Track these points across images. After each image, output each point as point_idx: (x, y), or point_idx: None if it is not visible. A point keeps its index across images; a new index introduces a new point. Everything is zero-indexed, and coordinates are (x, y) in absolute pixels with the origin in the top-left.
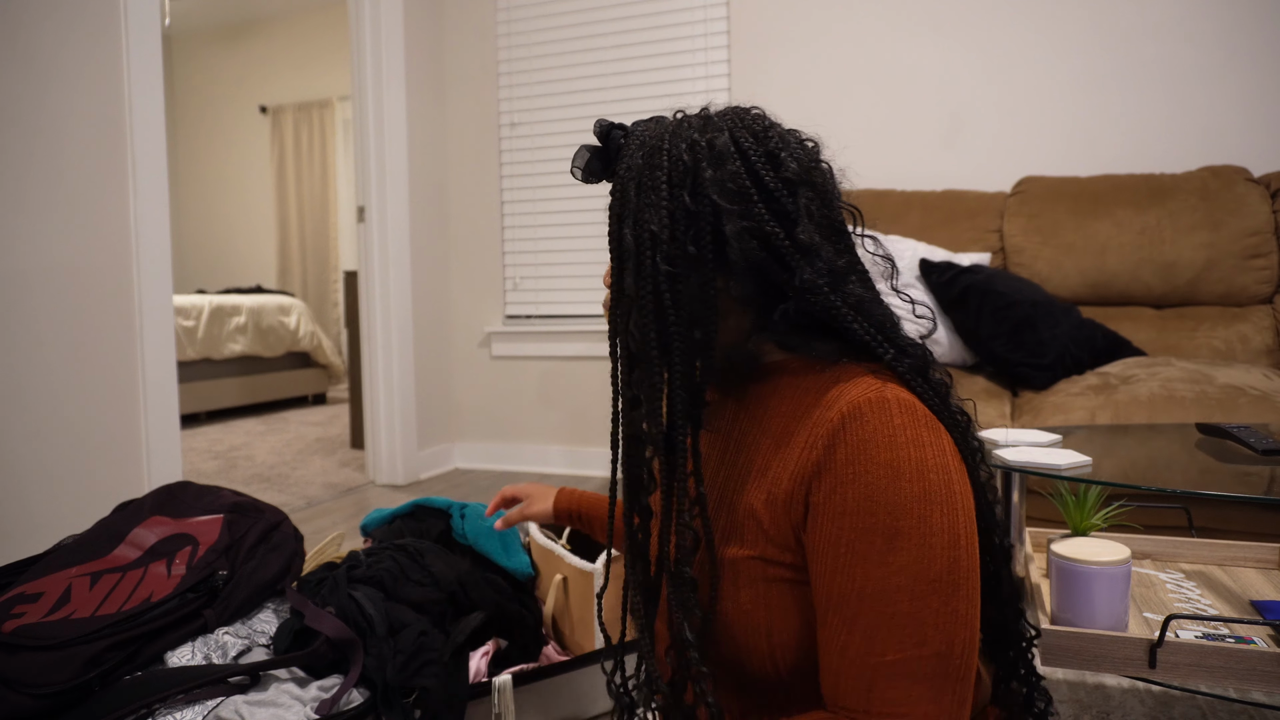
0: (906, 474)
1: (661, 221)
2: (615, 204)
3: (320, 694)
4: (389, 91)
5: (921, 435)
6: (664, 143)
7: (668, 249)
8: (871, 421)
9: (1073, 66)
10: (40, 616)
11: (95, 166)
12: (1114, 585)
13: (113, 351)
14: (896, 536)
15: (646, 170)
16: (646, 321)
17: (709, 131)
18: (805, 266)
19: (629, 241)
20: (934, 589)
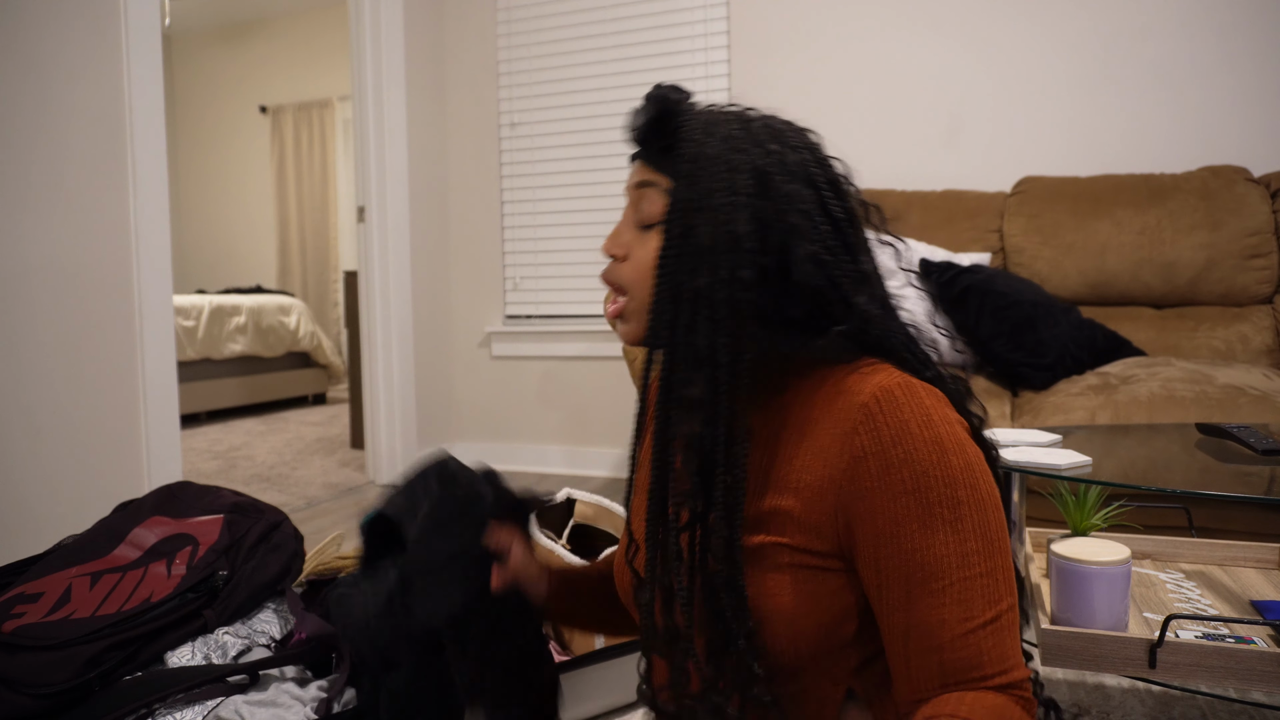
0: (951, 448)
1: (745, 226)
2: (682, 189)
3: (320, 694)
4: (389, 91)
5: (950, 414)
6: (742, 144)
7: (750, 258)
8: (904, 403)
9: (1073, 66)
10: (40, 616)
11: (95, 166)
12: (1114, 585)
13: (113, 351)
14: (959, 505)
15: (724, 166)
16: (719, 324)
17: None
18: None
19: (705, 236)
20: (996, 548)
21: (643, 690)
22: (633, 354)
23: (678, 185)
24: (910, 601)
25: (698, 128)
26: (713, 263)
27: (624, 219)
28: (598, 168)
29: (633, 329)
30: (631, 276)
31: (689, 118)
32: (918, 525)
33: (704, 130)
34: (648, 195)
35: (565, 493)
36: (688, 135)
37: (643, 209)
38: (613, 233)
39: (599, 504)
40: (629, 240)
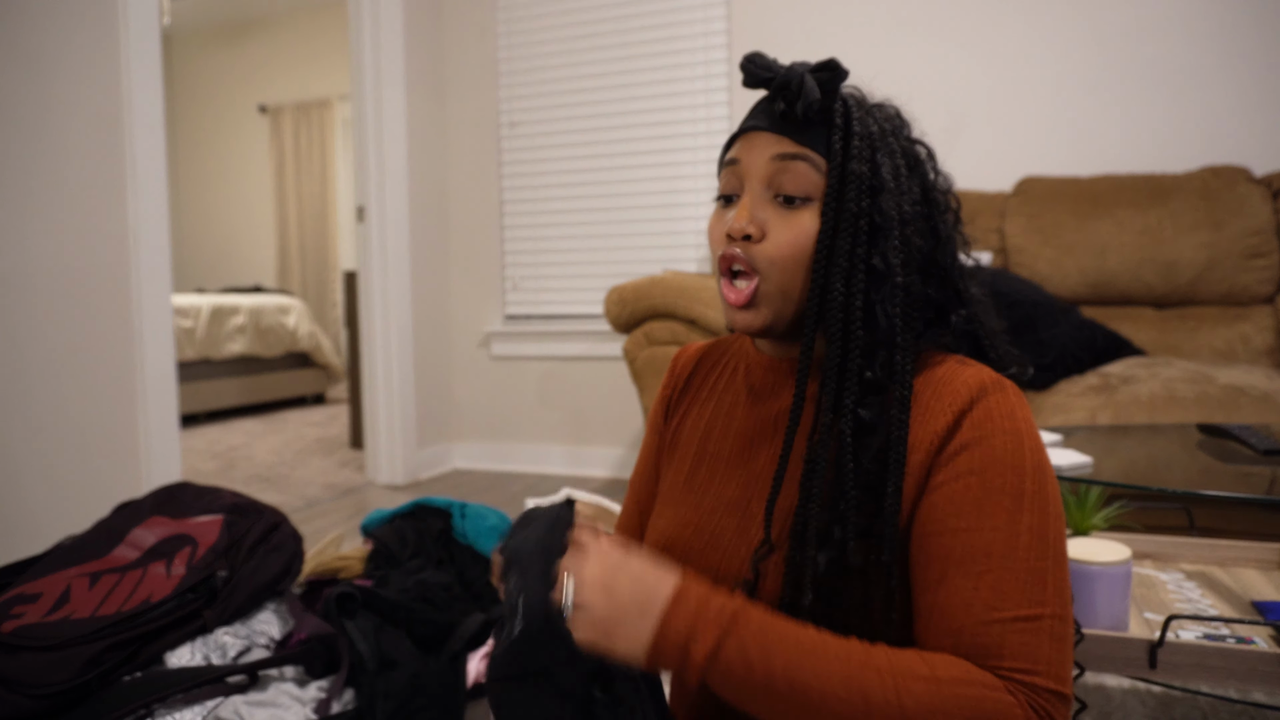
0: (1028, 444)
1: (916, 205)
2: (857, 164)
3: (320, 694)
4: (389, 91)
5: (1030, 417)
6: (892, 125)
7: (915, 236)
8: (994, 395)
9: (1073, 66)
10: (40, 617)
11: (95, 166)
12: (1114, 585)
13: (112, 351)
14: (1022, 497)
15: (887, 147)
16: (896, 304)
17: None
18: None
19: (883, 213)
20: (1050, 553)
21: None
22: (633, 354)
23: (850, 162)
24: (943, 580)
25: (855, 107)
26: (894, 242)
27: (753, 197)
28: (598, 167)
29: (762, 315)
30: (771, 257)
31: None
32: (973, 506)
33: (860, 108)
34: (796, 170)
35: (565, 493)
36: (852, 112)
37: (788, 184)
38: (742, 208)
39: (599, 504)
40: (767, 217)
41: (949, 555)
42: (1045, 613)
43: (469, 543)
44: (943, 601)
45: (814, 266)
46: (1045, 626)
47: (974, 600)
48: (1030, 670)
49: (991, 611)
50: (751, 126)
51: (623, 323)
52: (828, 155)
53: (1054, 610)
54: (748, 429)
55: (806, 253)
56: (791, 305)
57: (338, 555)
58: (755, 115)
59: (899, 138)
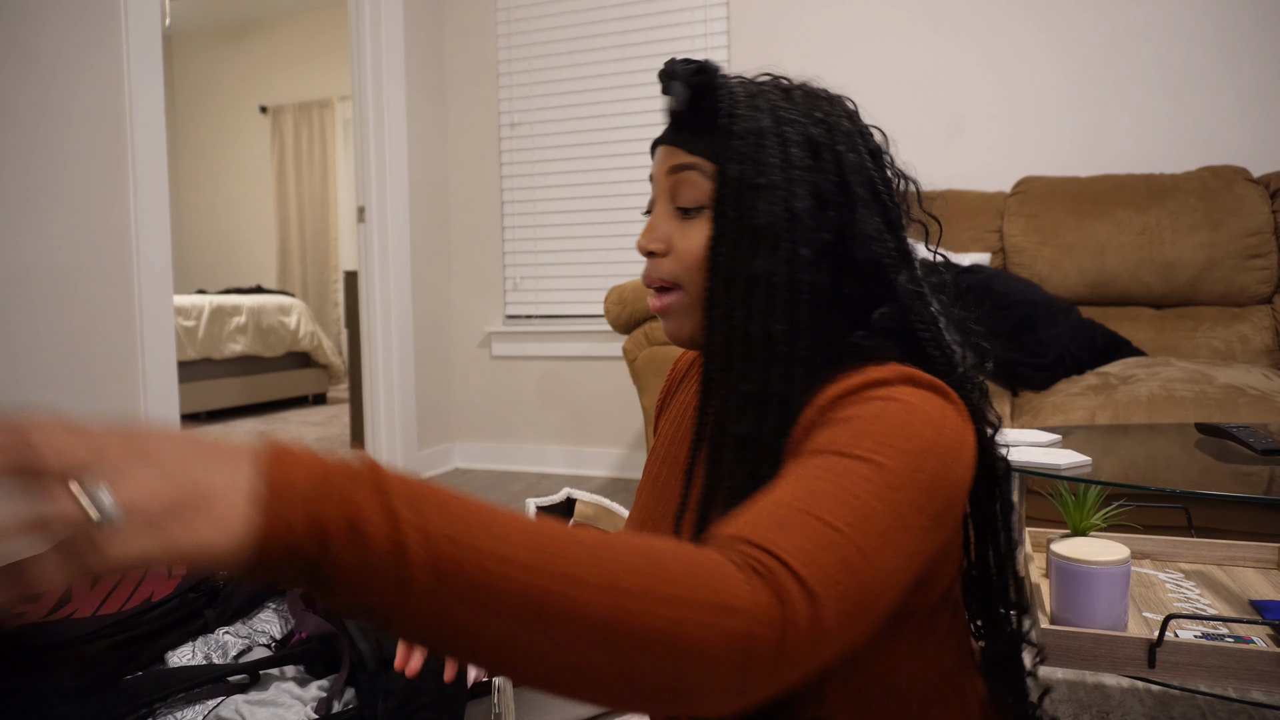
0: (920, 417)
1: (804, 201)
2: (734, 167)
3: (320, 694)
4: (389, 91)
5: (947, 410)
6: (790, 113)
7: (809, 234)
8: (900, 387)
9: (1073, 66)
10: (41, 616)
11: (96, 166)
12: (1114, 585)
13: (113, 351)
14: (887, 445)
15: (777, 140)
16: (775, 310)
17: (829, 112)
18: (905, 273)
19: (763, 216)
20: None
21: None
22: (633, 354)
23: (728, 164)
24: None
25: (741, 101)
26: (772, 243)
27: (658, 211)
28: (598, 167)
29: (683, 325)
30: (677, 269)
31: (728, 91)
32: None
33: (749, 103)
34: (687, 180)
35: (565, 493)
36: (732, 110)
37: (682, 195)
38: (647, 226)
39: (599, 504)
40: (668, 231)
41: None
42: (849, 535)
43: None
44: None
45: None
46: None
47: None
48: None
49: (795, 502)
50: (657, 140)
51: (623, 323)
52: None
53: (860, 542)
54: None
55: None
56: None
57: None
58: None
59: (802, 124)
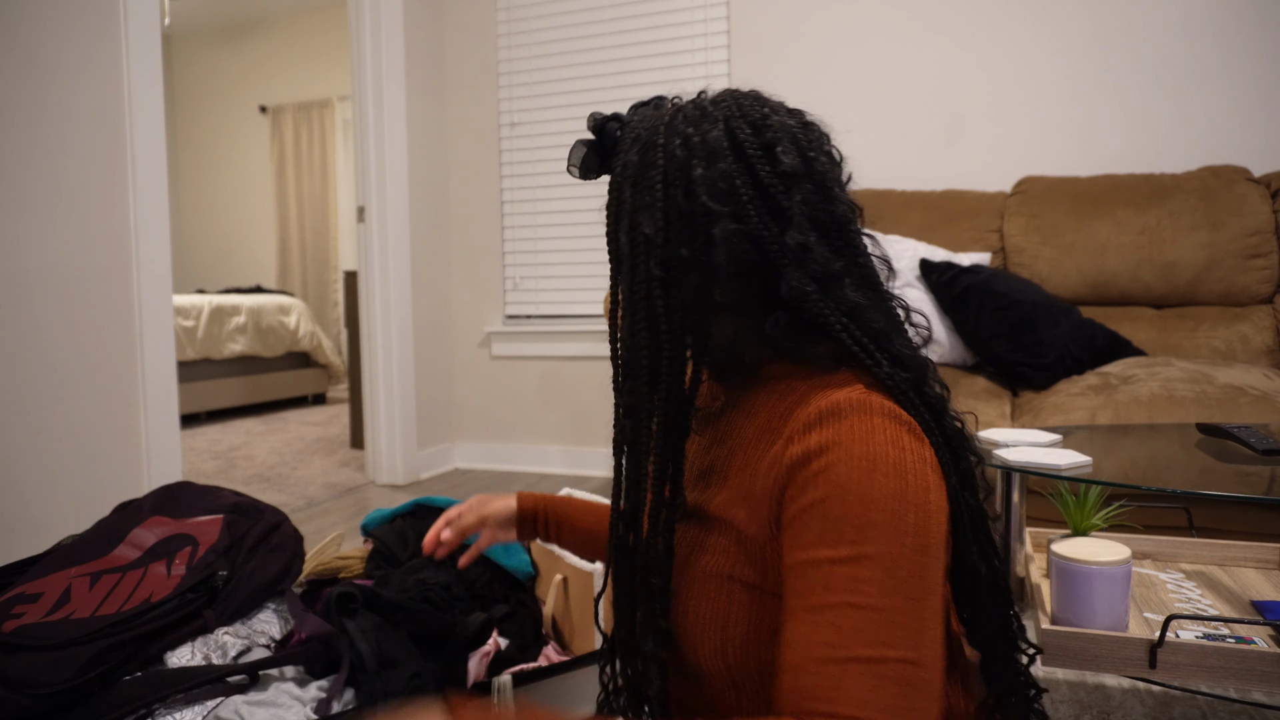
0: (882, 469)
1: (656, 224)
2: (611, 204)
3: (320, 694)
4: (389, 91)
5: (903, 438)
6: (659, 137)
7: (661, 252)
8: (850, 418)
9: (1073, 66)
10: (40, 616)
11: (95, 166)
12: (1114, 585)
13: (113, 351)
14: (868, 527)
15: (641, 169)
16: (638, 329)
17: (704, 124)
18: (794, 271)
19: (624, 244)
20: (902, 590)
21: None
22: None
23: (607, 201)
24: (790, 615)
25: (626, 138)
26: (629, 268)
27: None
28: None
29: None
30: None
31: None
32: (815, 539)
33: (631, 141)
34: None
35: (565, 492)
36: (619, 150)
37: None
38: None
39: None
40: None
41: (795, 590)
42: (891, 655)
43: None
44: (788, 637)
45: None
46: (890, 671)
47: (814, 638)
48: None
49: (829, 650)
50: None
51: None
52: None
53: (902, 654)
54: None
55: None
56: None
57: (338, 555)
58: None
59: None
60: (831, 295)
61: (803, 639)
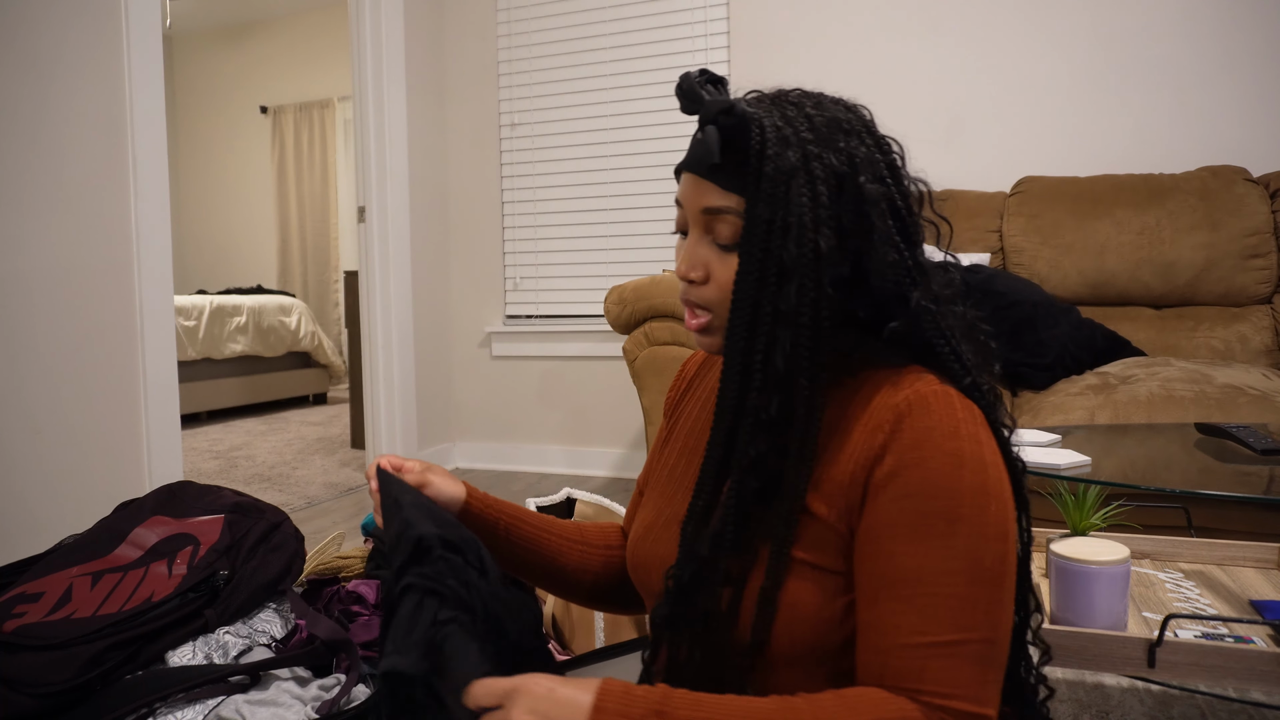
0: (969, 464)
1: (829, 240)
2: (763, 209)
3: (321, 693)
4: (389, 91)
5: (980, 433)
6: (816, 147)
7: (832, 269)
8: (936, 410)
9: (1073, 66)
10: (41, 616)
11: (96, 167)
12: (1113, 585)
13: (113, 351)
14: (957, 521)
15: (804, 179)
16: (800, 345)
17: (850, 138)
18: (918, 289)
19: (793, 254)
20: (986, 577)
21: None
22: (633, 354)
23: (757, 205)
24: (875, 600)
25: (772, 139)
26: (800, 283)
27: (695, 238)
28: (598, 168)
29: (716, 342)
30: (713, 296)
31: (759, 127)
32: (907, 531)
33: (778, 141)
34: (722, 221)
35: (565, 493)
36: (763, 149)
37: (719, 231)
38: (687, 253)
39: (599, 504)
40: (706, 260)
41: (882, 576)
42: (972, 638)
43: None
44: (874, 621)
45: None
46: (970, 650)
47: (901, 624)
48: (948, 694)
49: (916, 636)
50: (684, 167)
51: (623, 323)
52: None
53: (982, 635)
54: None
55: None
56: None
57: (338, 555)
58: (689, 152)
59: (827, 157)
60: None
61: (892, 625)
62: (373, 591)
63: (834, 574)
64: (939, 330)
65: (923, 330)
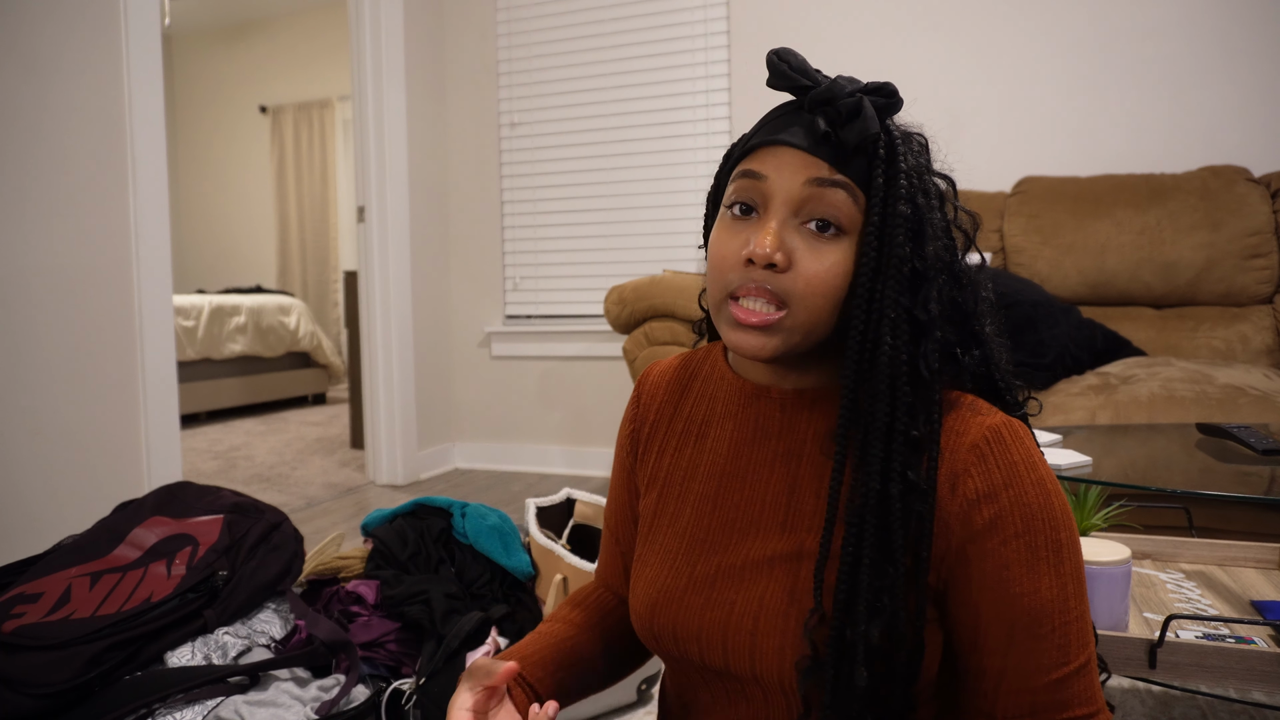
0: (1053, 490)
1: (950, 247)
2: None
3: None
4: (389, 91)
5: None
6: (924, 160)
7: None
8: (1012, 445)
9: (1073, 66)
10: (40, 616)
11: (95, 166)
12: (1114, 585)
13: (113, 351)
14: (1060, 548)
15: (923, 186)
16: (935, 351)
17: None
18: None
19: (930, 258)
20: (1084, 592)
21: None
22: (633, 354)
23: (893, 201)
24: (1011, 645)
25: (899, 137)
26: (935, 290)
27: (780, 221)
28: (598, 167)
29: (775, 345)
30: (798, 290)
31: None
32: (1024, 569)
33: (904, 140)
34: (832, 198)
35: (565, 493)
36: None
37: (819, 210)
38: (766, 233)
39: (599, 504)
40: (795, 246)
41: (1014, 622)
42: (1092, 649)
43: (469, 542)
44: (1015, 665)
45: (853, 312)
46: (1091, 658)
47: (1043, 662)
48: (1093, 711)
49: (1060, 669)
50: (783, 141)
51: (623, 323)
52: (866, 189)
53: (1092, 646)
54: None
55: (836, 290)
56: (806, 340)
57: (338, 555)
58: (788, 128)
59: (930, 173)
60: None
61: (1034, 665)
62: (372, 592)
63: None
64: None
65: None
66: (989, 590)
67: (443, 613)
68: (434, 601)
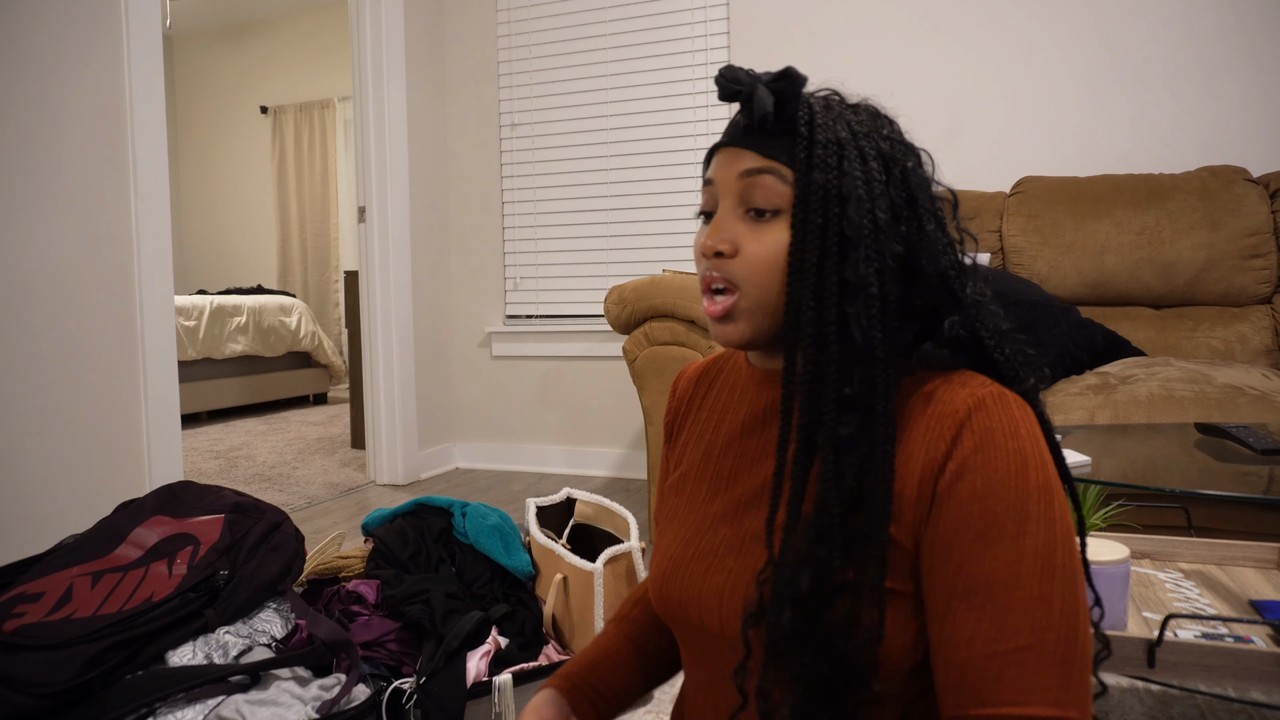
0: (1033, 463)
1: (885, 211)
2: (819, 174)
3: (321, 693)
4: (389, 91)
5: (1036, 430)
6: (864, 128)
7: (889, 244)
8: (995, 413)
9: (1073, 66)
10: (41, 616)
11: (96, 167)
12: (1113, 585)
13: (114, 351)
14: (1025, 521)
15: (857, 152)
16: (874, 318)
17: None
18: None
19: (854, 223)
20: (1058, 574)
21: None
22: (633, 354)
23: (812, 172)
24: (948, 613)
25: (820, 111)
26: (866, 253)
27: (724, 212)
28: (598, 168)
29: (740, 329)
30: (745, 272)
31: (805, 105)
32: (974, 536)
33: (826, 113)
34: (763, 184)
35: (565, 493)
36: (811, 119)
37: (757, 197)
38: (714, 226)
39: (599, 504)
40: (736, 234)
41: (953, 588)
42: (1049, 637)
43: (470, 542)
44: (948, 635)
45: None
46: (1048, 651)
47: (976, 634)
48: (1025, 701)
49: (992, 645)
50: (722, 143)
51: (623, 323)
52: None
53: (1060, 633)
54: (746, 447)
55: (778, 265)
56: (770, 319)
57: (338, 554)
58: (727, 131)
59: (874, 139)
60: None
61: (966, 637)
62: (373, 591)
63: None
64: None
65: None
66: (938, 554)
67: (443, 612)
68: (434, 601)
